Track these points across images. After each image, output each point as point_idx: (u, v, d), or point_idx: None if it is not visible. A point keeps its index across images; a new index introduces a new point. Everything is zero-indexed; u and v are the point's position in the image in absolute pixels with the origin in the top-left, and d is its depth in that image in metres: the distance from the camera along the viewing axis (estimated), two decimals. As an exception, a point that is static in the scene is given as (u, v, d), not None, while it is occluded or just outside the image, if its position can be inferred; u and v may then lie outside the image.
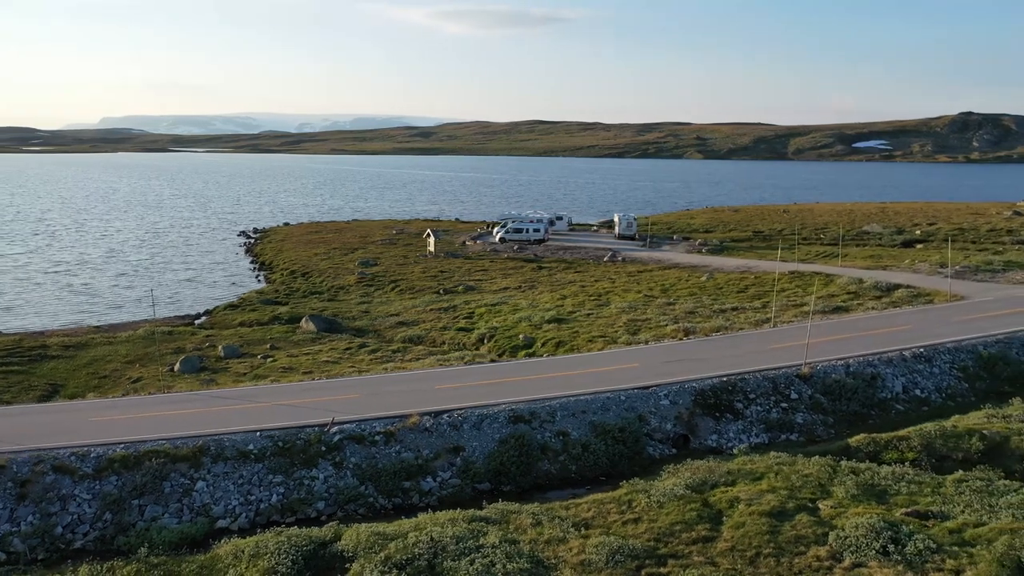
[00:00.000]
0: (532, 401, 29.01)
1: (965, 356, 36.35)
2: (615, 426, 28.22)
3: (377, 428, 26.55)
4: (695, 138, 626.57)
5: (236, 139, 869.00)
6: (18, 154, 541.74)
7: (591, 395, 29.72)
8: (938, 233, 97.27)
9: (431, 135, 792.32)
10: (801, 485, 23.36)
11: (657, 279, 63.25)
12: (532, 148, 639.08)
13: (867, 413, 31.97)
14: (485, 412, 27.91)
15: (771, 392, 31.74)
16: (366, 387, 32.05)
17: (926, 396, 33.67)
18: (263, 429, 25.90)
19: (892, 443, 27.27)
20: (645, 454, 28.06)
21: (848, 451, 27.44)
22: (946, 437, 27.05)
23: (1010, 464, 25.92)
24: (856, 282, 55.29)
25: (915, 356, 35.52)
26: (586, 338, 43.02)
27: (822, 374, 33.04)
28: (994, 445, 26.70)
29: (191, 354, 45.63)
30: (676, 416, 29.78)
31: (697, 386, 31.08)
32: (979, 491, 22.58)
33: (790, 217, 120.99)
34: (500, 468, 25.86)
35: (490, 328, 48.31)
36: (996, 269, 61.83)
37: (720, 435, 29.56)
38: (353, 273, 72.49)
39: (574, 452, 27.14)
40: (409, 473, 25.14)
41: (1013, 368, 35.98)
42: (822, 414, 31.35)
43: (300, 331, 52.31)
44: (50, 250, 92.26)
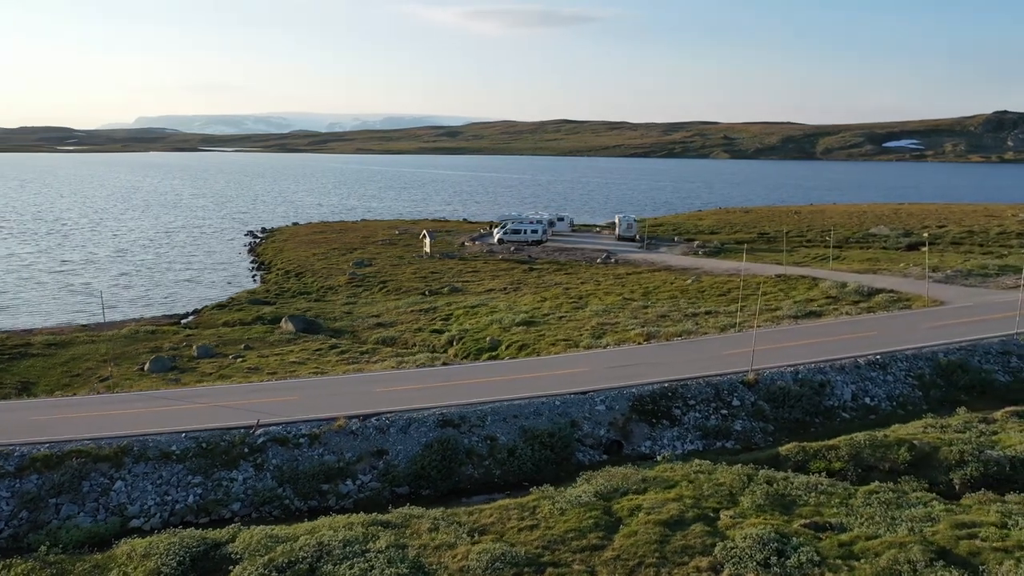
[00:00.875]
0: (465, 405, 29.18)
1: (923, 363, 35.82)
2: (545, 431, 28.26)
3: (303, 431, 26.90)
4: (722, 138, 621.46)
5: (265, 138, 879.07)
6: (52, 153, 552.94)
7: (525, 400, 29.81)
8: (946, 236, 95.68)
9: (457, 135, 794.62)
10: (710, 494, 23.25)
11: (643, 282, 63.00)
12: (557, 148, 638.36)
13: (810, 421, 31.65)
14: (414, 416, 28.14)
15: (713, 399, 31.56)
16: (310, 389, 32.45)
17: (875, 404, 33.25)
18: (190, 430, 26.37)
19: (821, 452, 27.00)
20: (574, 460, 28.07)
21: (778, 460, 27.22)
22: (875, 447, 26.72)
23: (936, 475, 25.55)
24: (839, 286, 54.62)
25: (870, 363, 35.09)
26: (549, 341, 43.06)
27: (768, 381, 32.78)
28: (923, 456, 26.33)
29: (163, 354, 46.40)
30: (611, 422, 29.75)
31: (636, 392, 31.02)
32: (887, 503, 22.31)
33: (800, 219, 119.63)
34: (420, 472, 26.06)
35: (461, 330, 48.54)
36: (989, 274, 60.73)
37: (654, 441, 29.47)
38: (345, 273, 73.12)
39: (499, 457, 27.25)
40: (328, 476, 25.44)
41: (972, 376, 35.37)
42: (763, 421, 31.10)
43: (279, 331, 52.94)
44: (60, 249, 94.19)
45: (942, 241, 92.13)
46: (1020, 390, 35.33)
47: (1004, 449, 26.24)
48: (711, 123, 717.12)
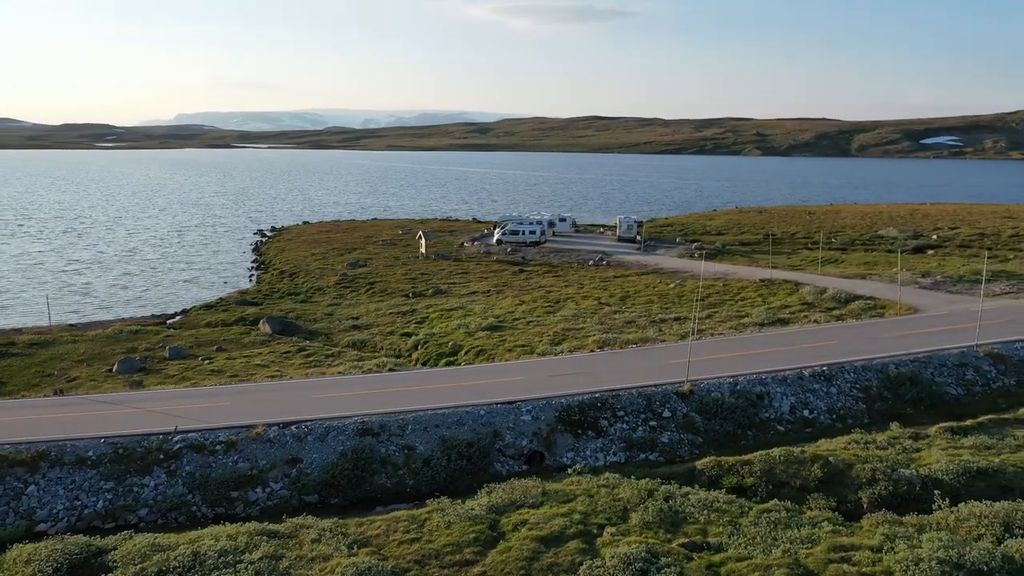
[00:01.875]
0: (389, 414, 29.47)
1: (871, 375, 35.30)
2: (463, 441, 28.45)
3: (221, 437, 27.41)
4: (755, 134, 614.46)
5: (299, 135, 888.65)
6: (90, 150, 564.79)
7: (450, 409, 30.00)
8: (956, 238, 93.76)
9: (488, 131, 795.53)
10: (603, 510, 23.24)
11: (626, 286, 62.72)
12: (587, 144, 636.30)
13: (742, 434, 31.39)
14: (334, 424, 28.50)
15: (643, 409, 31.45)
16: (248, 395, 33.01)
17: (814, 417, 32.86)
18: (109, 436, 27.02)
19: (735, 467, 26.79)
20: (492, 470, 28.20)
21: (693, 474, 27.07)
22: (788, 463, 26.44)
23: (845, 493, 25.21)
24: (819, 292, 53.85)
25: (815, 375, 34.67)
26: (507, 347, 43.18)
27: (704, 392, 32.56)
28: (836, 473, 25.99)
29: (136, 355, 47.42)
30: (535, 432, 29.82)
31: (565, 402, 31.03)
32: (775, 523, 22.09)
33: (812, 220, 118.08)
34: (331, 481, 26.41)
35: (428, 334, 48.84)
36: (979, 280, 59.35)
37: (577, 452, 29.48)
38: (337, 274, 73.87)
39: (414, 467, 27.49)
40: (239, 483, 25.90)
41: (921, 388, 34.78)
42: (692, 433, 30.91)
43: (256, 333, 53.74)
44: (71, 248, 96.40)
45: (950, 244, 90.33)
46: (970, 404, 34.68)
47: (919, 468, 25.82)
48: (744, 119, 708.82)
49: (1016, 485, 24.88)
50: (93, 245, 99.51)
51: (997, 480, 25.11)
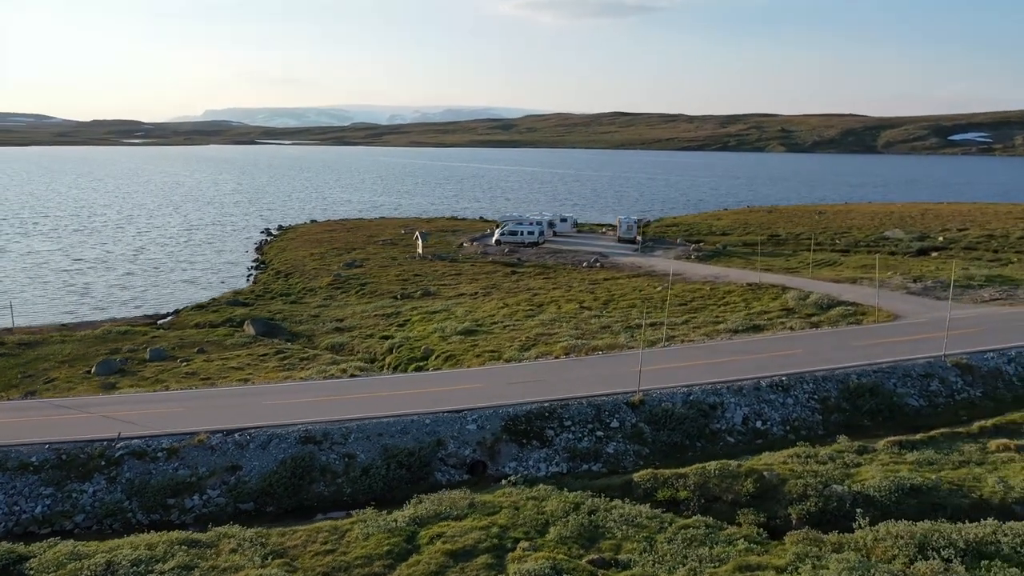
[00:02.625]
0: (333, 422, 29.75)
1: (831, 386, 34.97)
2: (405, 450, 28.67)
3: (163, 444, 27.87)
4: (779, 130, 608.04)
5: (323, 132, 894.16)
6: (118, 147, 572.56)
7: (395, 417, 30.23)
8: (962, 240, 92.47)
9: (511, 127, 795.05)
10: (524, 523, 23.35)
11: (614, 289, 62.54)
12: (610, 141, 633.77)
13: (690, 445, 31.27)
14: (278, 432, 28.85)
15: (592, 419, 31.44)
16: (203, 399, 33.50)
17: (766, 428, 32.64)
18: (54, 442, 27.58)
19: (670, 480, 26.75)
20: (433, 479, 28.39)
21: (630, 486, 27.09)
22: (723, 477, 26.35)
23: (776, 509, 25.10)
24: (802, 297, 53.39)
25: (772, 385, 34.41)
26: (476, 353, 43.33)
27: (655, 402, 32.48)
28: (769, 488, 25.87)
29: (118, 356, 48.25)
30: (479, 442, 29.95)
31: (513, 411, 31.12)
32: (691, 540, 22.08)
33: (821, 220, 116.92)
34: (267, 489, 26.75)
35: (404, 338, 49.14)
36: (971, 285, 58.53)
37: (520, 462, 29.57)
38: (331, 275, 74.42)
39: (353, 475, 27.76)
40: (177, 490, 26.33)
41: (880, 400, 34.38)
42: (639, 444, 30.86)
43: (240, 334, 54.38)
44: (80, 247, 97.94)
45: (955, 246, 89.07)
46: (931, 415, 34.23)
47: (853, 484, 25.60)
48: (769, 115, 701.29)
49: (948, 503, 24.63)
50: (101, 244, 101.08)
51: (930, 498, 24.86)
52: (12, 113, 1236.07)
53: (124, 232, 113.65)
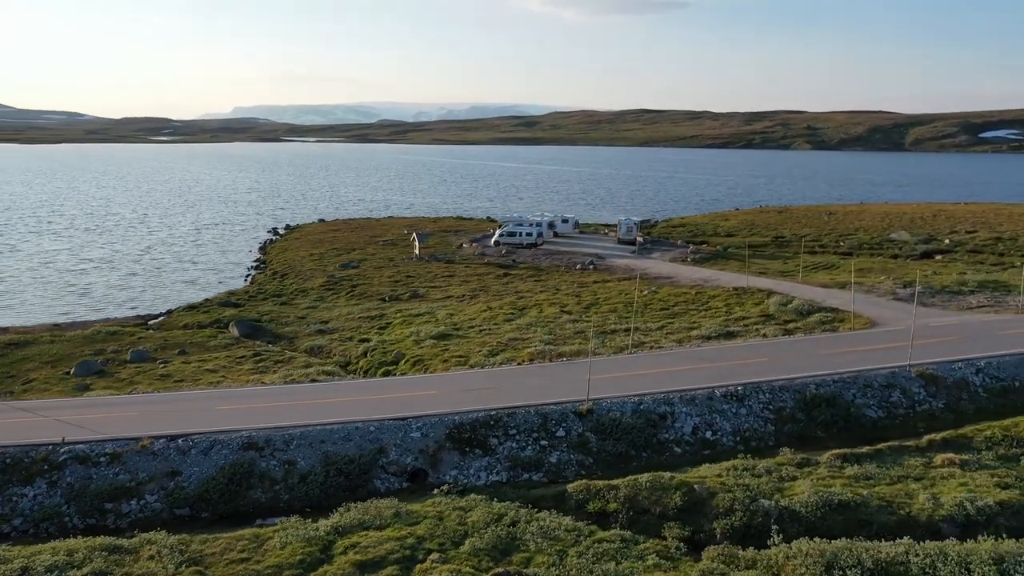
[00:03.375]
0: (278, 428, 30.10)
1: (788, 396, 34.70)
2: (345, 457, 28.95)
3: (107, 449, 28.39)
4: (805, 128, 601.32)
5: (347, 129, 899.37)
6: (145, 144, 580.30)
7: (340, 424, 30.52)
8: (969, 242, 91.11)
9: (534, 125, 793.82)
10: (442, 534, 23.52)
11: (600, 292, 62.46)
12: (633, 138, 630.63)
13: (635, 455, 31.20)
14: (221, 438, 29.27)
15: (537, 428, 31.51)
16: (158, 404, 34.10)
17: (716, 439, 32.47)
18: (1, 445, 28.20)
19: (602, 492, 26.76)
20: (371, 487, 28.63)
21: (563, 497, 27.14)
22: (653, 490, 26.32)
23: (702, 523, 25.03)
24: (784, 303, 52.95)
25: (727, 394, 34.22)
26: (444, 358, 43.55)
27: (604, 411, 32.46)
28: (697, 501, 25.79)
29: (102, 356, 49.11)
30: (421, 450, 30.15)
31: (459, 419, 31.27)
32: (602, 554, 22.10)
33: (829, 221, 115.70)
34: (203, 495, 27.16)
35: (380, 342, 49.50)
36: (963, 291, 57.67)
37: (461, 471, 29.71)
38: (325, 276, 75.04)
39: (291, 482, 28.09)
40: (115, 495, 26.82)
41: (837, 411, 34.03)
42: (583, 454, 30.87)
43: (224, 336, 55.05)
44: (89, 247, 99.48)
45: (961, 249, 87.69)
46: (888, 427, 33.85)
47: (783, 498, 25.45)
48: (795, 112, 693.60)
49: (875, 520, 24.41)
50: (110, 243, 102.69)
51: (857, 514, 24.65)
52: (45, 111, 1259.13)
53: (134, 231, 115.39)
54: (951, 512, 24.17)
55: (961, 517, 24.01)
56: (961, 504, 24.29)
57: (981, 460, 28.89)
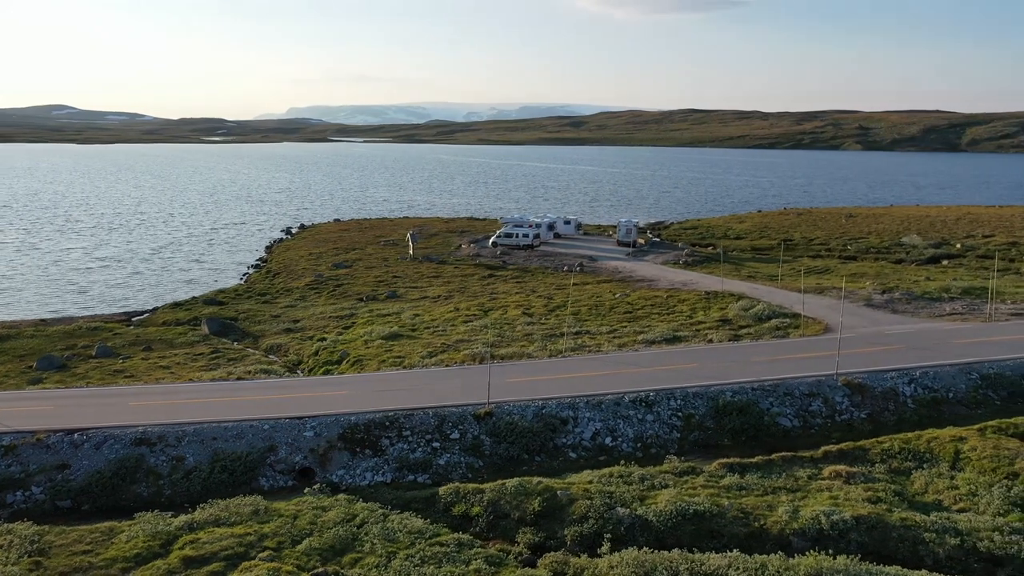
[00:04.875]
0: (174, 424, 30.81)
1: (701, 403, 34.20)
2: (232, 454, 29.52)
3: (4, 442, 29.43)
4: (857, 128, 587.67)
5: (394, 129, 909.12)
6: (198, 144, 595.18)
7: (236, 422, 31.10)
8: (981, 247, 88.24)
9: (581, 125, 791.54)
10: (286, 533, 23.91)
11: (574, 294, 62.01)
12: (679, 139, 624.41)
13: (528, 459, 31.13)
14: (115, 432, 30.10)
15: (432, 430, 31.66)
16: (76, 398, 35.10)
17: (615, 445, 32.18)
18: (-95, 437, 29.47)
19: (468, 496, 26.81)
20: (256, 484, 29.12)
21: (434, 499, 27.30)
22: (516, 495, 26.30)
23: (557, 528, 24.96)
24: (747, 308, 52.07)
25: (636, 400, 33.90)
26: (383, 358, 43.93)
27: (503, 414, 32.45)
28: (557, 508, 25.68)
29: (64, 352, 50.70)
30: (312, 449, 30.56)
31: (355, 420, 31.61)
32: (430, 558, 22.24)
33: (848, 224, 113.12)
34: (87, 488, 27.99)
35: (333, 341, 50.14)
36: (942, 298, 55.98)
37: (348, 471, 30.04)
38: (314, 275, 76.16)
39: (176, 477, 28.76)
40: (3, 485, 27.81)
41: (748, 419, 33.44)
42: (474, 457, 30.91)
43: (193, 332, 56.38)
44: (105, 246, 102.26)
45: (971, 254, 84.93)
46: (802, 437, 33.17)
47: (644, 507, 25.18)
48: (847, 112, 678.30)
49: (727, 531, 24.01)
50: (126, 243, 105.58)
51: (710, 524, 24.28)
52: (108, 111, 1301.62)
53: (154, 231, 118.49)
54: (804, 526, 23.61)
55: (813, 531, 23.45)
56: (817, 518, 23.71)
57: (872, 473, 28.16)
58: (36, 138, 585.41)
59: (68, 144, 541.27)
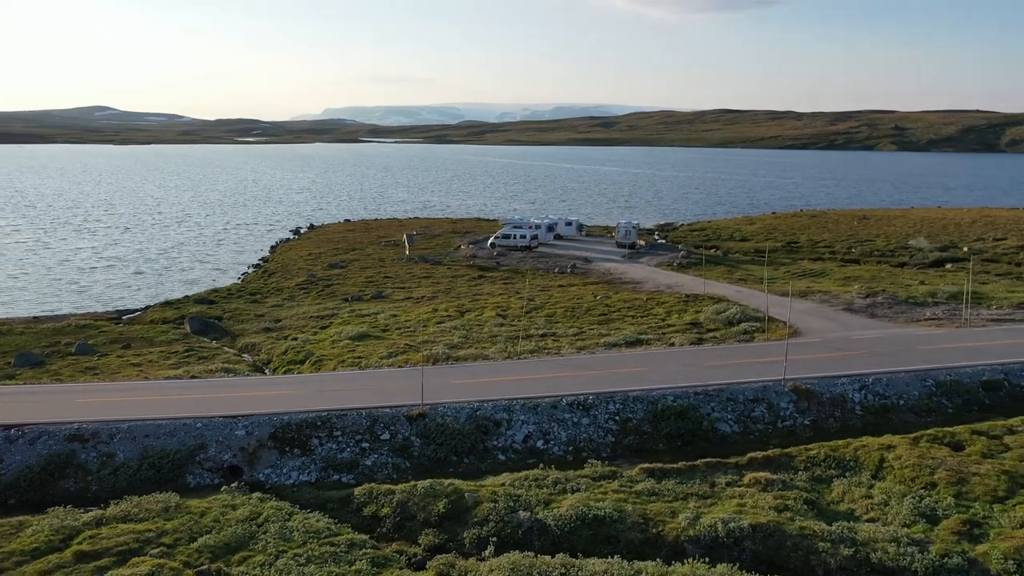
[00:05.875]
0: (108, 421, 31.39)
1: (640, 407, 33.96)
2: (160, 452, 30.03)
3: (-58, 437, 30.26)
4: (892, 128, 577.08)
5: (427, 130, 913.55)
6: (232, 145, 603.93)
7: (170, 420, 31.61)
8: (988, 251, 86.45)
9: (613, 125, 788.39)
10: (186, 530, 24.30)
11: (557, 296, 61.94)
12: (710, 139, 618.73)
13: (457, 460, 31.18)
14: (50, 429, 30.78)
15: (364, 431, 31.87)
16: (26, 395, 35.95)
17: (547, 448, 32.09)
18: None
19: (379, 496, 26.97)
20: (183, 481, 29.59)
21: (349, 500, 27.51)
22: (425, 496, 26.39)
23: (459, 530, 24.99)
24: (720, 312, 51.53)
25: (573, 403, 33.77)
26: (343, 359, 44.27)
27: (436, 416, 32.55)
28: (463, 509, 25.73)
29: (50, 349, 51.91)
30: (242, 447, 30.94)
31: (287, 419, 31.94)
32: (316, 557, 22.47)
33: (860, 226, 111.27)
34: (15, 483, 28.67)
35: (304, 341, 50.62)
36: (927, 303, 54.82)
37: (275, 469, 30.37)
38: (307, 275, 76.91)
39: (103, 473, 29.34)
40: (-69, 481, 28.62)
41: (685, 424, 33.12)
42: (402, 458, 31.04)
43: (176, 331, 57.30)
44: (115, 246, 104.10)
45: (976, 258, 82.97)
46: (740, 442, 32.72)
47: (548, 510, 25.10)
48: (883, 112, 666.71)
49: (624, 537, 23.88)
50: (136, 243, 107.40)
51: (608, 530, 24.15)
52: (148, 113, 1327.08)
53: (166, 231, 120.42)
54: (699, 533, 23.36)
55: (708, 539, 23.20)
56: (714, 526, 23.44)
57: (793, 480, 27.74)
58: (75, 139, 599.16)
59: (105, 145, 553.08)
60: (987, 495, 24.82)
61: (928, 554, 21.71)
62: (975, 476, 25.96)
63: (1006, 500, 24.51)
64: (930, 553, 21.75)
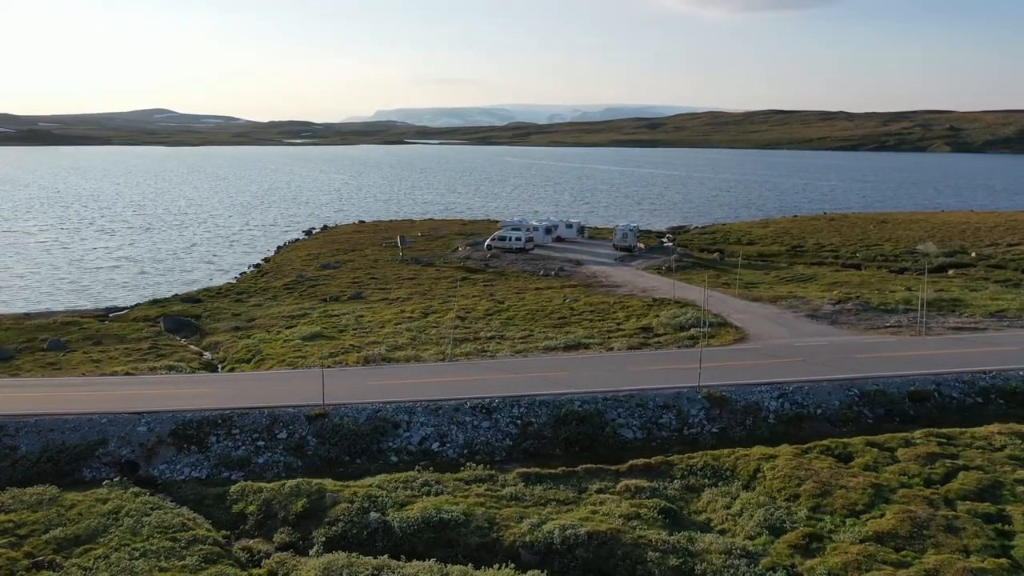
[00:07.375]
0: (18, 416, 32.50)
1: (544, 411, 33.86)
2: (61, 445, 31.03)
3: None
4: (947, 129, 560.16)
5: (472, 132, 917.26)
6: (281, 146, 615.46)
7: (76, 415, 32.61)
8: (996, 256, 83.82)
9: (658, 126, 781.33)
10: (46, 522, 25.25)
11: (528, 299, 61.87)
12: (757, 140, 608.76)
13: (349, 461, 31.52)
14: (-40, 422, 32.01)
15: (262, 429, 32.43)
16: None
17: (442, 450, 32.24)
18: None
19: (248, 495, 27.46)
20: (80, 475, 30.52)
21: (223, 497, 28.08)
22: (289, 495, 26.78)
23: (312, 529, 25.30)
24: (673, 316, 51.01)
25: (476, 407, 33.85)
26: (281, 358, 45.02)
27: (337, 416, 32.94)
28: (321, 509, 26.08)
29: (25, 344, 53.86)
30: (141, 443, 31.77)
31: (190, 417, 32.67)
32: (153, 552, 22.93)
33: (875, 230, 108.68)
34: (-83, 473, 29.91)
35: (260, 339, 51.58)
36: (897, 310, 53.39)
37: (170, 466, 31.12)
38: (296, 275, 78.20)
39: (3, 465, 30.40)
40: None
41: (587, 429, 32.94)
42: (295, 457, 31.51)
43: (151, 329, 58.89)
44: (129, 246, 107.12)
45: (983, 264, 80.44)
46: (643, 449, 32.36)
47: (402, 512, 25.30)
48: (938, 112, 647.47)
49: (463, 541, 24.01)
50: (152, 243, 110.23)
51: (451, 533, 24.32)
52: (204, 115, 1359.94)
53: (184, 231, 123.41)
54: (535, 539, 23.34)
55: (542, 545, 23.16)
56: (551, 532, 23.36)
57: (666, 488, 27.45)
58: (131, 140, 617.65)
59: (158, 147, 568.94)
60: (844, 508, 24.17)
61: (755, 567, 21.31)
62: (841, 489, 25.29)
63: (862, 514, 23.84)
64: (758, 566, 21.34)
